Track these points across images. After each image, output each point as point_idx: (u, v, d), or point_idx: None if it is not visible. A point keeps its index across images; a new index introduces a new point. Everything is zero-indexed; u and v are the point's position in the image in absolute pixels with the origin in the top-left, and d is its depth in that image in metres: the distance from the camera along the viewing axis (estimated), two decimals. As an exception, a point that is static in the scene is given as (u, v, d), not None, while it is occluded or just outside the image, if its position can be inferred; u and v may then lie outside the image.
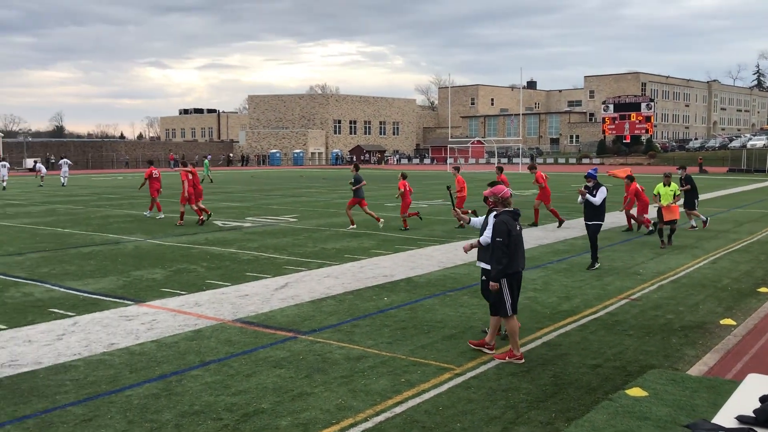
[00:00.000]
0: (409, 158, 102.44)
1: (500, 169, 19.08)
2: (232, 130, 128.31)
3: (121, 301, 10.12)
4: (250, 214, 22.75)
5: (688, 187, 18.81)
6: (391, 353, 7.57)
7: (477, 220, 8.41)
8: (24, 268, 12.84)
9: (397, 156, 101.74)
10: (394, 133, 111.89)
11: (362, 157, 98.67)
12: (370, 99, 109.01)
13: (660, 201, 15.56)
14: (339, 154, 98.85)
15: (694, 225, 18.80)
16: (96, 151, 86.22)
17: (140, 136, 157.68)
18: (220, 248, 15.30)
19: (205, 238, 16.92)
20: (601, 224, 12.94)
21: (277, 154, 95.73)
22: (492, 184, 7.88)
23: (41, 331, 8.48)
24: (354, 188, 18.51)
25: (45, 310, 9.57)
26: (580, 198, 12.89)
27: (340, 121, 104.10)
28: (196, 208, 19.96)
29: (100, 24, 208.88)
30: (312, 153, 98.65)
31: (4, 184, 38.85)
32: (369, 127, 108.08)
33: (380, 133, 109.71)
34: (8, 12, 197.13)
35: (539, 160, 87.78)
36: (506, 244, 7.20)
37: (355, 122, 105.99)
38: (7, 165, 41.17)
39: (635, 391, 6.26)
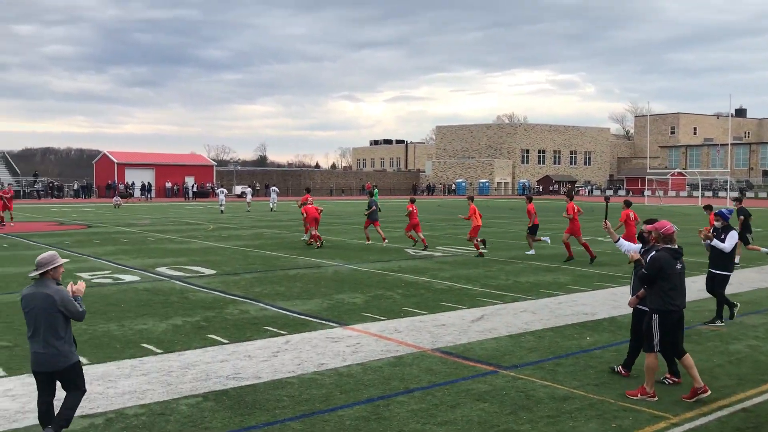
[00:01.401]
0: (602, 189, 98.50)
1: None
2: (419, 160, 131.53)
3: (327, 323, 10.67)
4: (439, 243, 23.06)
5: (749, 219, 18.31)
6: (599, 396, 7.24)
7: (627, 244, 8.41)
8: (240, 287, 13.98)
9: (589, 187, 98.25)
10: (585, 163, 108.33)
11: (550, 188, 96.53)
12: (560, 128, 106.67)
13: None
14: (527, 184, 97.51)
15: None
16: (295, 180, 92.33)
17: (333, 166, 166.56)
18: (413, 276, 15.63)
19: (398, 266, 17.39)
20: (729, 276, 10.84)
21: (463, 184, 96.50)
22: (650, 221, 7.85)
23: (258, 347, 9.15)
24: (367, 213, 23.12)
25: (260, 327, 10.33)
26: (705, 241, 10.71)
27: (528, 151, 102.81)
28: (314, 233, 22.03)
29: (301, 61, 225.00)
30: (498, 183, 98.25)
31: (222, 208, 43.04)
32: (558, 157, 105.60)
33: (570, 163, 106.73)
34: (221, 52, 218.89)
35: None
36: (650, 278, 7.16)
37: (543, 152, 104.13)
38: (225, 191, 45.50)
39: None
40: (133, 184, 71.66)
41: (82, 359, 8.41)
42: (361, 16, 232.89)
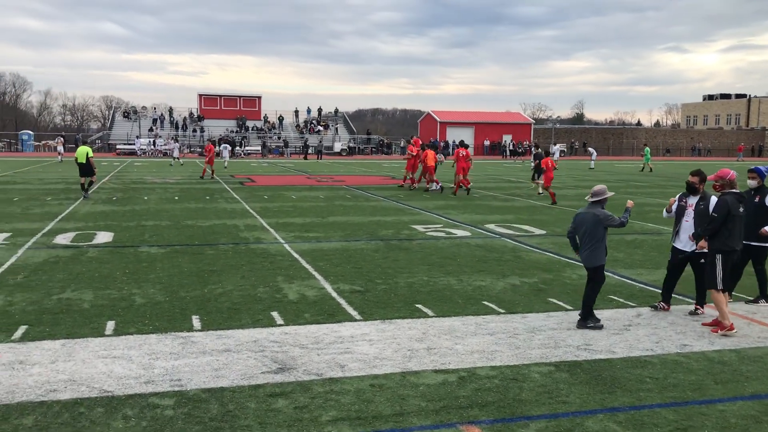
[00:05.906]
0: None
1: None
2: (764, 117, 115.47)
3: (682, 297, 9.45)
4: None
5: (537, 162, 25.11)
6: None
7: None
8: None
9: None
10: None
11: None
12: None
13: None
14: None
15: (540, 192, 24.48)
16: (616, 138, 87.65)
17: (657, 124, 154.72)
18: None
19: (757, 237, 15.05)
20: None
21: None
22: (696, 172, 8.40)
23: (607, 317, 8.38)
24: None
25: (604, 296, 9.49)
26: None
27: None
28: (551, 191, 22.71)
29: (620, 12, 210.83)
30: None
31: (556, 165, 42.99)
32: None
33: None
34: (536, 8, 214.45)
35: None
36: (719, 220, 7.74)
37: None
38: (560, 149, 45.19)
39: None
40: (455, 141, 74.57)
41: (427, 310, 8.57)
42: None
